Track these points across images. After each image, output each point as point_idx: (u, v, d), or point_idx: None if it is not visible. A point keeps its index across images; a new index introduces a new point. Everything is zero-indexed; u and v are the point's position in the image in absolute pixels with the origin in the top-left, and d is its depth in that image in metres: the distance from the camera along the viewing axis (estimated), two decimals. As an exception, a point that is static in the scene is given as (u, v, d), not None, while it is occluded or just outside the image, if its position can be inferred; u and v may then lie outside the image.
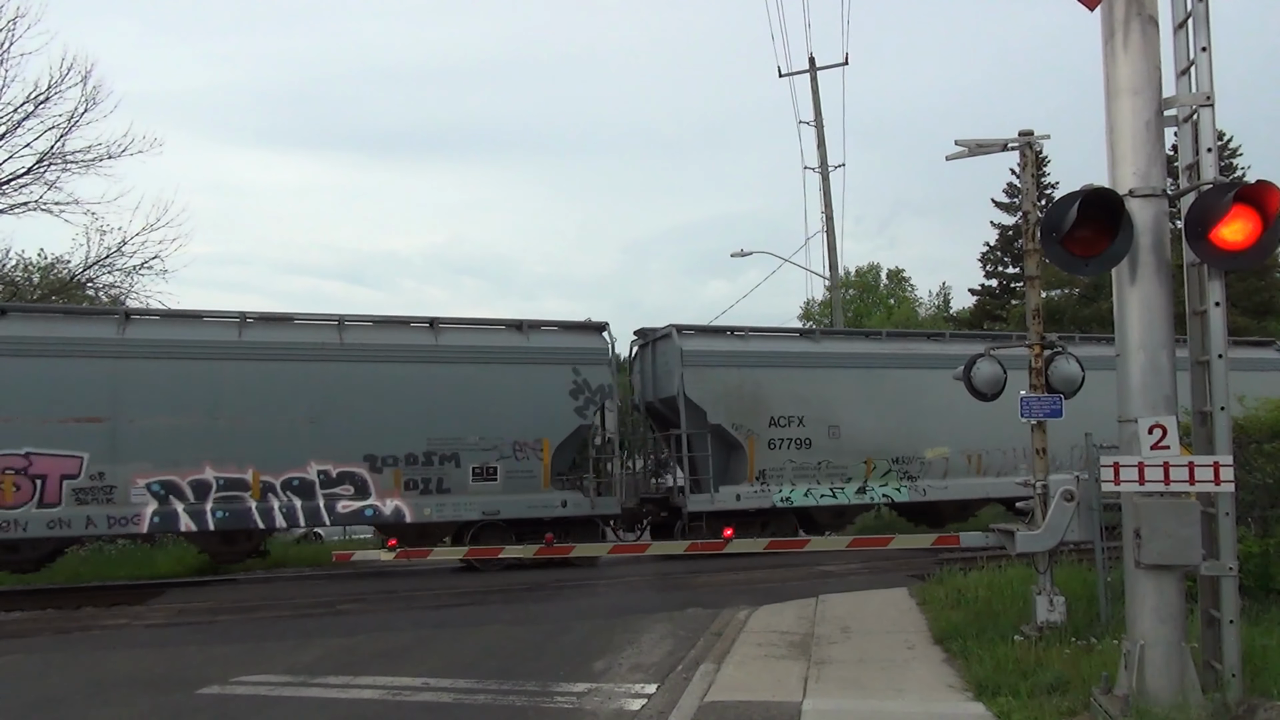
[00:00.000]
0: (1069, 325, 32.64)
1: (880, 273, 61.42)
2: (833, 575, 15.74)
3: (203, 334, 16.74)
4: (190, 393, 16.13)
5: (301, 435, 16.60)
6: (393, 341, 17.58)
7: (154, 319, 17.61)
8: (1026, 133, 10.16)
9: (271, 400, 16.50)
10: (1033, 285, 10.16)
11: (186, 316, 17.42)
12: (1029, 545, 9.12)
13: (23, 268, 26.30)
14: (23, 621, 13.37)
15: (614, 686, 8.26)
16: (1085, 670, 7.24)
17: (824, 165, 28.45)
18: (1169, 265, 6.36)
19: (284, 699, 8.26)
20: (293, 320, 17.47)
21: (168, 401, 16.00)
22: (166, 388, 16.00)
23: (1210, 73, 6.26)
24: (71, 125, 23.58)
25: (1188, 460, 6.06)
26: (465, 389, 17.54)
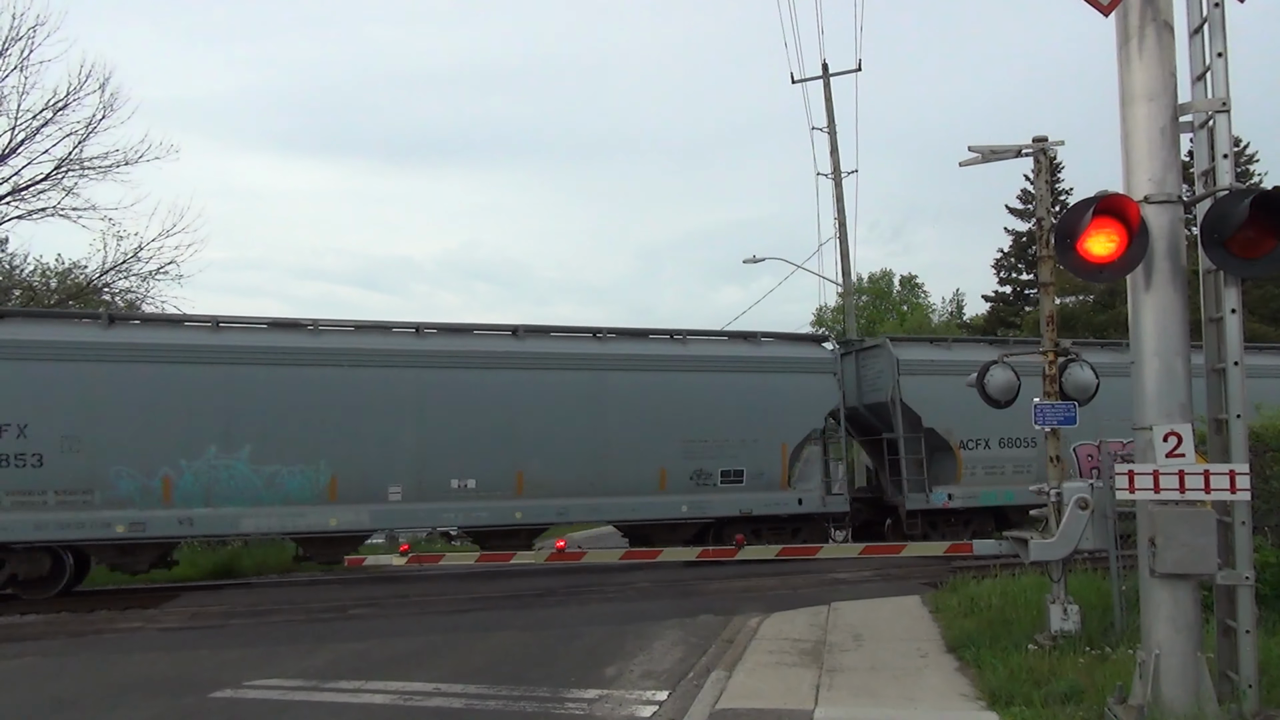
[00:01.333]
0: (1083, 332, 32.50)
1: (893, 279, 61.34)
2: (845, 582, 15.68)
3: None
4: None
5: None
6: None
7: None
8: (1041, 139, 10.14)
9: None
10: (1046, 291, 10.13)
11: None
12: (1043, 553, 9.07)
13: (40, 273, 26.54)
14: (37, 624, 13.45)
15: (625, 693, 8.25)
16: (1100, 680, 7.18)
17: (837, 171, 28.39)
18: (1184, 272, 6.32)
19: (296, 703, 8.28)
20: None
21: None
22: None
23: (1226, 78, 6.23)
24: (89, 132, 23.80)
25: (1203, 468, 6.02)
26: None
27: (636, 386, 18.35)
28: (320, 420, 16.31)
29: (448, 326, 18.17)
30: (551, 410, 17.71)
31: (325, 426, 16.31)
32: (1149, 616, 6.18)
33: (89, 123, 23.73)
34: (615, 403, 18.16)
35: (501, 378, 17.57)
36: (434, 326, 17.99)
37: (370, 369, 16.81)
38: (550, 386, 17.83)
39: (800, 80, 29.44)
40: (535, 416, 17.59)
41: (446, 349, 17.54)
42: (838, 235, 28.13)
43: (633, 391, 18.30)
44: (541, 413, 17.65)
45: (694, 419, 18.49)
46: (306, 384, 16.37)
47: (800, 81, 29.45)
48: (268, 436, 16.04)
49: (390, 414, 16.79)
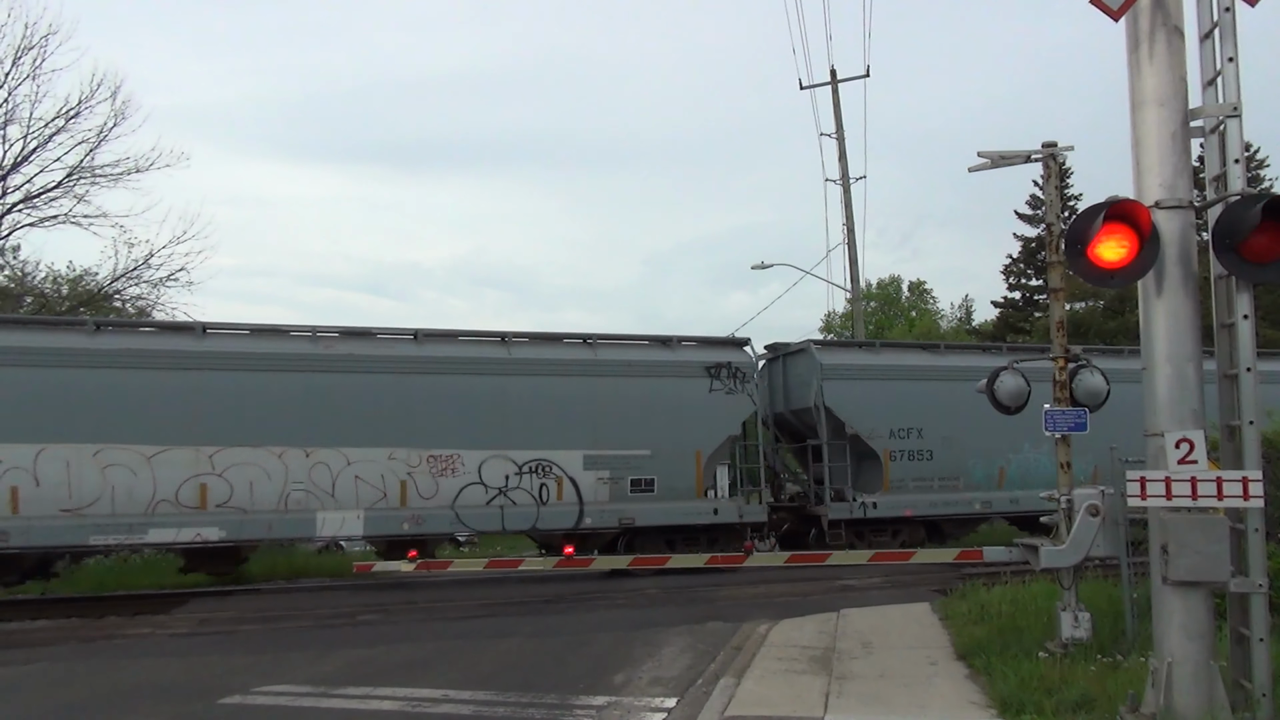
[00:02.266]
0: (1094, 338, 32.37)
1: (902, 285, 61.23)
2: (854, 589, 15.63)
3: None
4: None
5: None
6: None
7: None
8: (1050, 144, 10.11)
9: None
10: (1056, 297, 10.10)
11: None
12: (1053, 560, 9.03)
13: (52, 280, 26.69)
14: (48, 630, 13.49)
15: (634, 700, 8.23)
16: (1111, 688, 7.14)
17: (845, 177, 28.39)
18: (1196, 278, 6.29)
19: (305, 709, 8.29)
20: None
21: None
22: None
23: (1237, 83, 6.20)
24: (101, 139, 24.00)
25: (1215, 475, 5.99)
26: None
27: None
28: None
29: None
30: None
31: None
32: (1161, 624, 6.14)
33: (100, 131, 23.96)
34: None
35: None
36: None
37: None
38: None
39: (809, 86, 29.50)
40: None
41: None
42: (846, 241, 28.14)
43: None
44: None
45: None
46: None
47: (809, 88, 29.51)
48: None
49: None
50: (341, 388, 16.64)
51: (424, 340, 17.67)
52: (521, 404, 17.59)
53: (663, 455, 18.28)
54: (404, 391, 16.97)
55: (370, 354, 17.10)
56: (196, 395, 15.87)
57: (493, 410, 17.38)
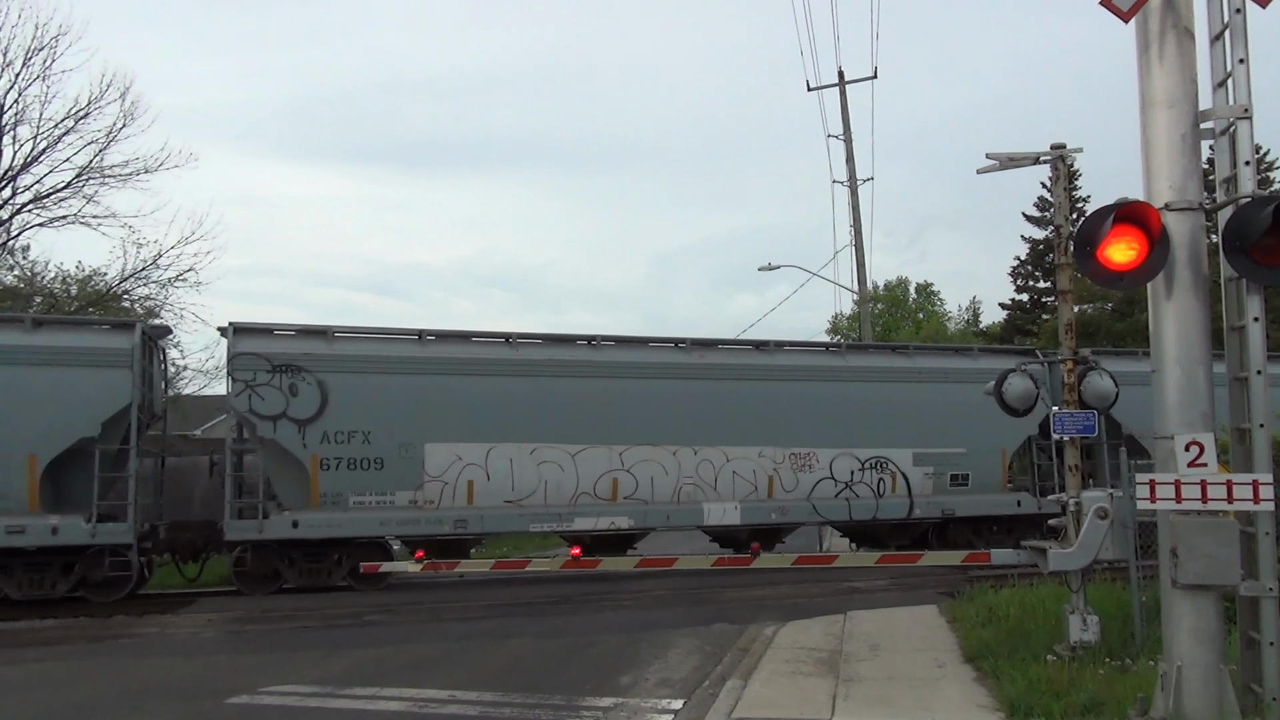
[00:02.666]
0: (1102, 340, 32.25)
1: (909, 287, 61.15)
2: (860, 592, 15.61)
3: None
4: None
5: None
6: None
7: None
8: (1059, 146, 10.08)
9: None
10: (1065, 299, 10.06)
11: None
12: (1062, 563, 9.00)
13: (61, 280, 26.78)
14: (56, 629, 13.55)
15: (640, 701, 8.22)
16: (1120, 692, 7.11)
17: (852, 179, 28.38)
18: (1206, 280, 6.27)
19: (311, 709, 8.30)
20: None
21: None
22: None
23: (1248, 85, 6.18)
24: (110, 140, 24.04)
25: (1225, 478, 5.96)
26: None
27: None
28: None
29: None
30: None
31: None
32: (1170, 628, 6.12)
33: (109, 131, 24.00)
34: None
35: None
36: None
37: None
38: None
39: (816, 88, 29.53)
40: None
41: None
42: (853, 243, 28.12)
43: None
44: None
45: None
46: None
47: (816, 89, 29.54)
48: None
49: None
50: (721, 394, 18.77)
51: (774, 351, 19.86)
52: (860, 407, 19.57)
53: (975, 453, 19.75)
54: (768, 396, 19.07)
55: (739, 363, 19.37)
56: (608, 400, 18.06)
57: (837, 413, 19.41)
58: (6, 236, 24.70)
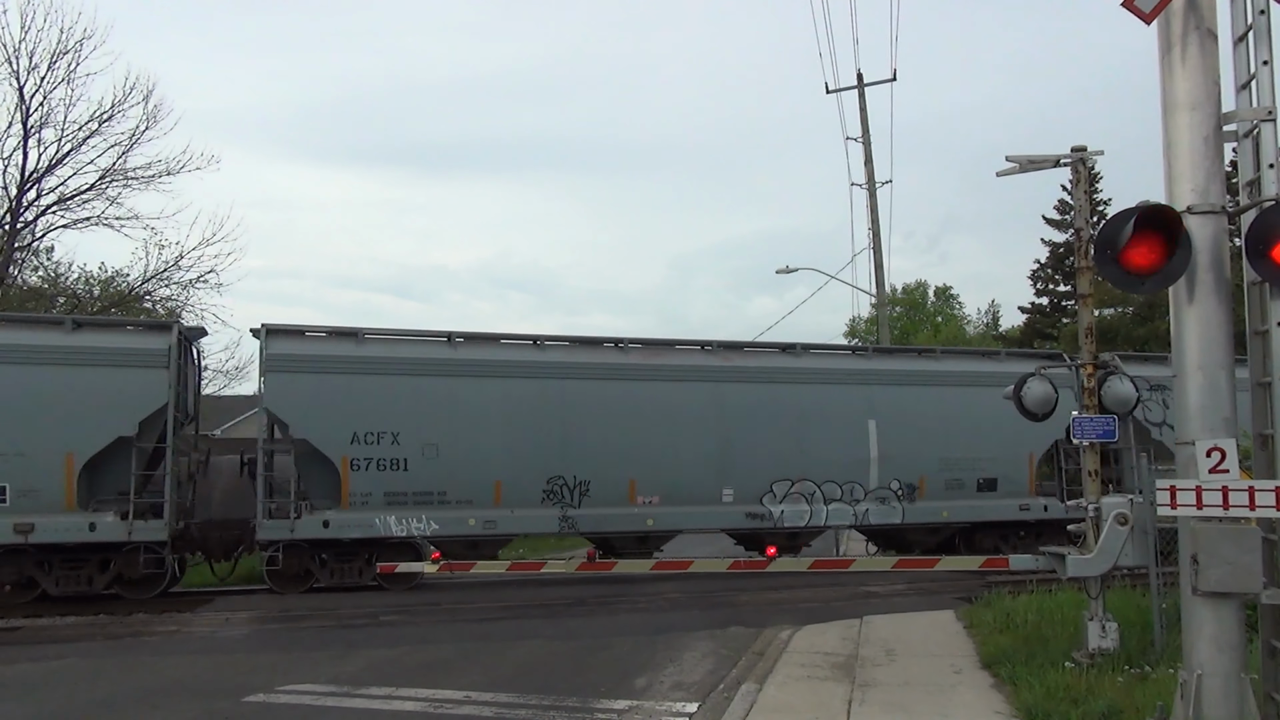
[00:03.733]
0: (1123, 344, 31.99)
1: (928, 290, 60.88)
2: (877, 596, 15.54)
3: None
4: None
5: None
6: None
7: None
8: (1079, 149, 10.02)
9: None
10: (1085, 303, 9.99)
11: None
12: (1081, 569, 8.92)
13: (84, 281, 27.07)
14: (77, 626, 13.68)
15: (655, 704, 8.21)
16: (1139, 700, 7.04)
17: (871, 182, 28.26)
18: (1228, 284, 6.19)
19: (328, 709, 8.34)
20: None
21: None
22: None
23: (1272, 87, 6.10)
24: (133, 143, 24.34)
25: (1248, 484, 5.89)
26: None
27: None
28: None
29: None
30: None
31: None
32: (1191, 636, 6.05)
33: (133, 134, 24.30)
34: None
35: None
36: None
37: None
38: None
39: (835, 90, 29.42)
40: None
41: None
42: (872, 246, 28.01)
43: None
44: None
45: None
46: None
47: (835, 92, 29.42)
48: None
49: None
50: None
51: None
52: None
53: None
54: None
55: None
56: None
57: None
58: (31, 238, 25.03)
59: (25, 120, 23.04)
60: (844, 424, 19.06)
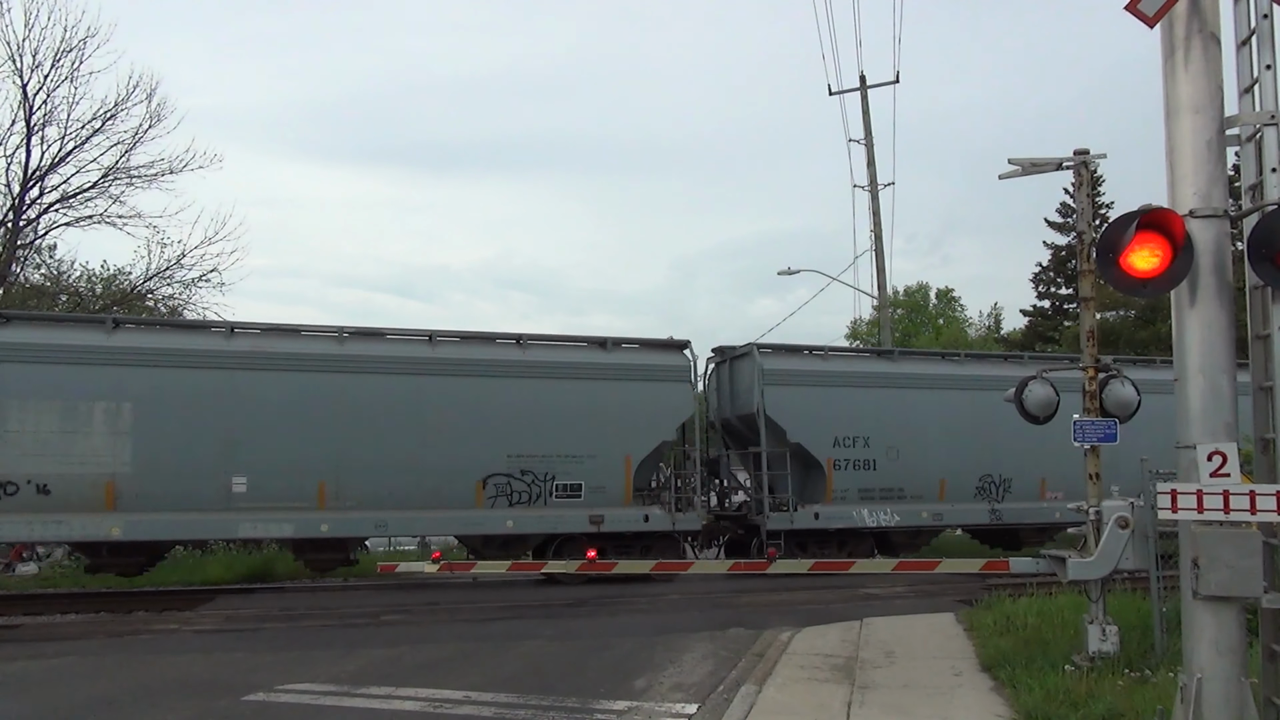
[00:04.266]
0: (1125, 348, 31.98)
1: (929, 292, 60.81)
2: (877, 598, 15.53)
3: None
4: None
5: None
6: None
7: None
8: (1082, 152, 10.01)
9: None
10: (1087, 306, 9.98)
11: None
12: (1081, 572, 8.91)
13: (86, 279, 27.07)
14: (77, 624, 13.69)
15: (655, 705, 8.21)
16: (1139, 703, 7.04)
17: (873, 184, 28.25)
18: (1230, 288, 6.19)
19: (328, 708, 8.34)
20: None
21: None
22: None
23: (1275, 91, 6.10)
24: (136, 141, 24.28)
25: (1249, 489, 5.88)
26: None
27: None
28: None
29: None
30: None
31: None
32: (1191, 639, 6.05)
33: (136, 132, 24.24)
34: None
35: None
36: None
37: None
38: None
39: (838, 92, 29.40)
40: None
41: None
42: (874, 248, 27.99)
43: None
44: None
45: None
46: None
47: (838, 93, 29.40)
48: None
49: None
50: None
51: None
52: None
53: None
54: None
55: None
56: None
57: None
58: (34, 235, 25.00)
59: (29, 118, 23.04)
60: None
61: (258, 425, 15.97)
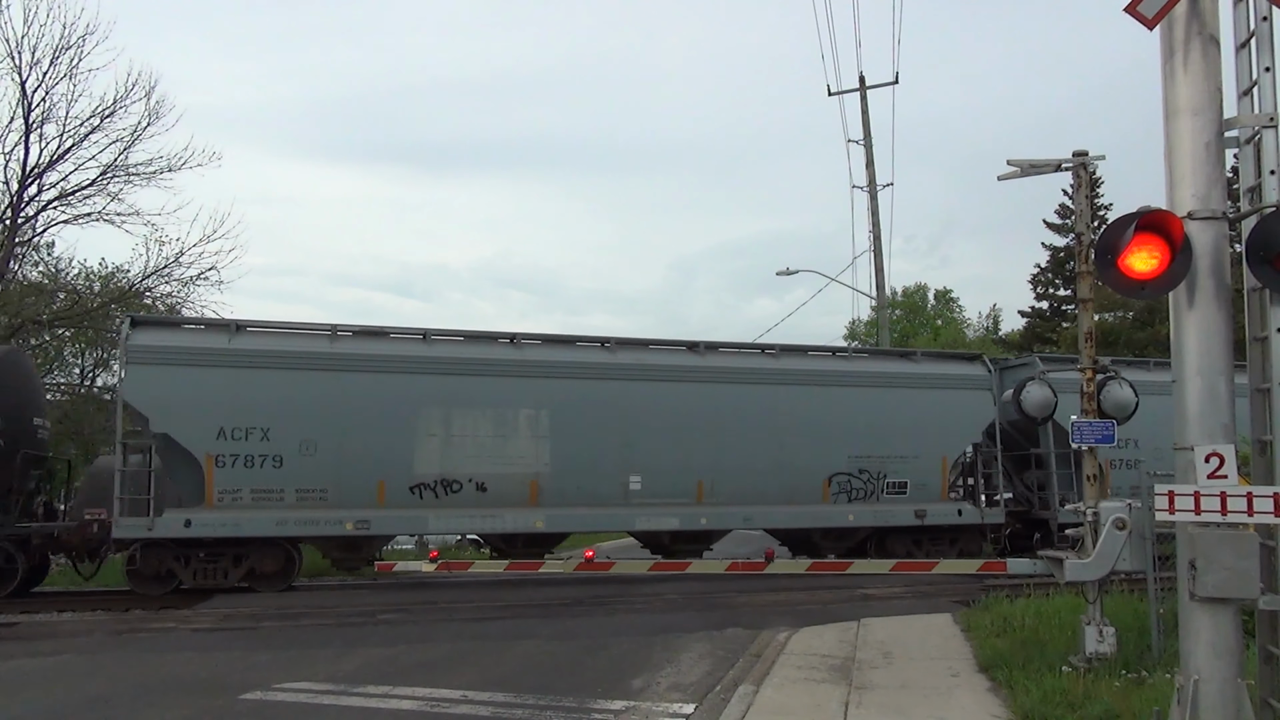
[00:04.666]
0: (1123, 349, 32.00)
1: (928, 293, 60.88)
2: (875, 599, 15.54)
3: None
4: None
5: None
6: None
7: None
8: (1081, 153, 10.02)
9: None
10: (1085, 308, 9.99)
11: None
12: (1078, 574, 8.92)
13: (84, 276, 27.03)
14: (75, 622, 13.66)
15: (652, 705, 8.21)
16: (1136, 704, 7.05)
17: (872, 184, 28.27)
18: (1229, 290, 6.20)
19: (325, 707, 8.33)
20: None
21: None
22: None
23: (1274, 93, 6.10)
24: (134, 138, 24.24)
25: (1246, 490, 5.88)
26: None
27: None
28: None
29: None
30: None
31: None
32: (1188, 641, 6.05)
33: (134, 130, 24.20)
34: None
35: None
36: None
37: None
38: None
39: (837, 93, 29.43)
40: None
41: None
42: (872, 249, 28.02)
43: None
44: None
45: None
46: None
47: (837, 94, 29.42)
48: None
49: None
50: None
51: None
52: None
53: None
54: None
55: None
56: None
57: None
58: (32, 233, 24.97)
59: (27, 115, 23.00)
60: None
61: (648, 430, 17.96)
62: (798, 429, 18.71)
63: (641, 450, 17.88)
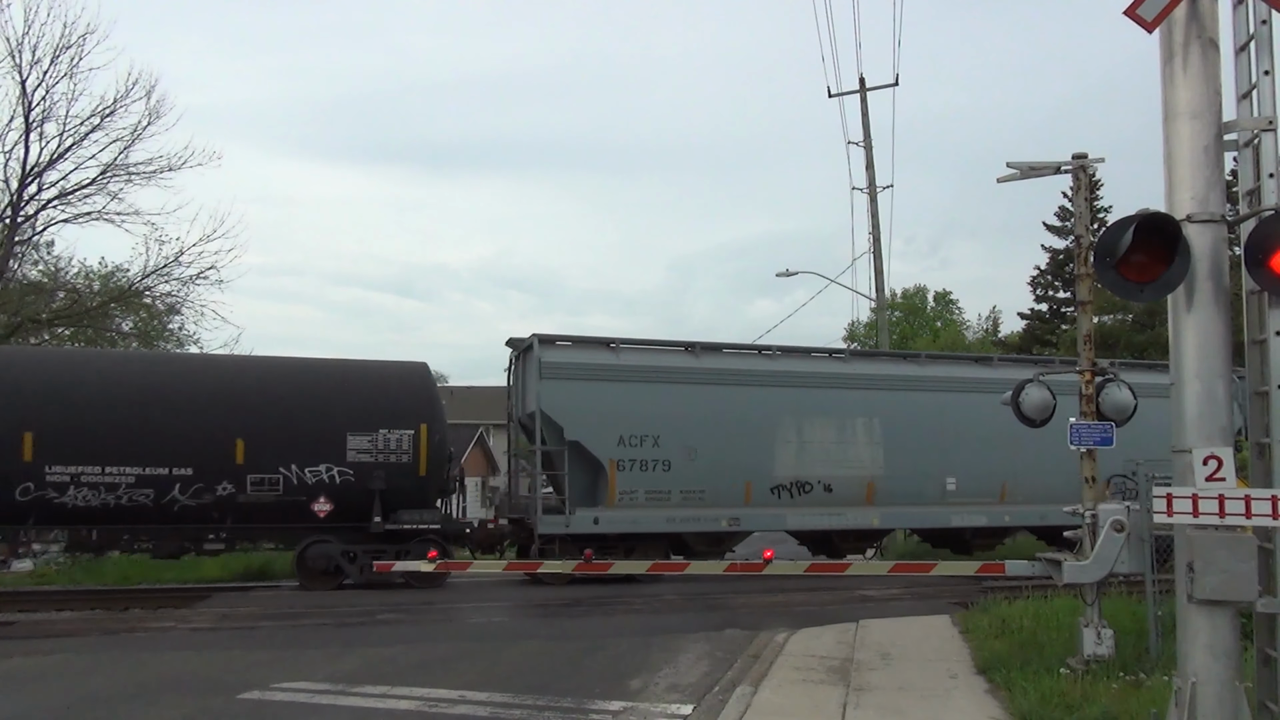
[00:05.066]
0: (1122, 351, 32.03)
1: (927, 295, 60.90)
2: (873, 600, 15.54)
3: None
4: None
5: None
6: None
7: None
8: (1080, 156, 10.03)
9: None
10: (1085, 310, 10.00)
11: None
12: (1077, 576, 8.90)
13: (84, 275, 27.04)
14: (72, 621, 13.67)
15: (650, 706, 8.21)
16: (1134, 706, 7.06)
17: (872, 186, 28.26)
18: (1227, 292, 6.20)
19: (322, 706, 8.33)
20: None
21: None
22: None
23: (1273, 97, 6.11)
24: (135, 138, 24.33)
25: (1244, 493, 5.89)
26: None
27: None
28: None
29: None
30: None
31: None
32: (1186, 643, 6.05)
33: (134, 129, 24.30)
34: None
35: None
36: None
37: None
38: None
39: (837, 94, 29.39)
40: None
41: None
42: (872, 250, 28.00)
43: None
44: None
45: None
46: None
47: (837, 95, 29.39)
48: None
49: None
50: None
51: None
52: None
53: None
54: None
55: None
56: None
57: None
58: (31, 232, 24.99)
59: (27, 114, 23.07)
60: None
61: (960, 437, 19.75)
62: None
63: (956, 454, 19.79)
